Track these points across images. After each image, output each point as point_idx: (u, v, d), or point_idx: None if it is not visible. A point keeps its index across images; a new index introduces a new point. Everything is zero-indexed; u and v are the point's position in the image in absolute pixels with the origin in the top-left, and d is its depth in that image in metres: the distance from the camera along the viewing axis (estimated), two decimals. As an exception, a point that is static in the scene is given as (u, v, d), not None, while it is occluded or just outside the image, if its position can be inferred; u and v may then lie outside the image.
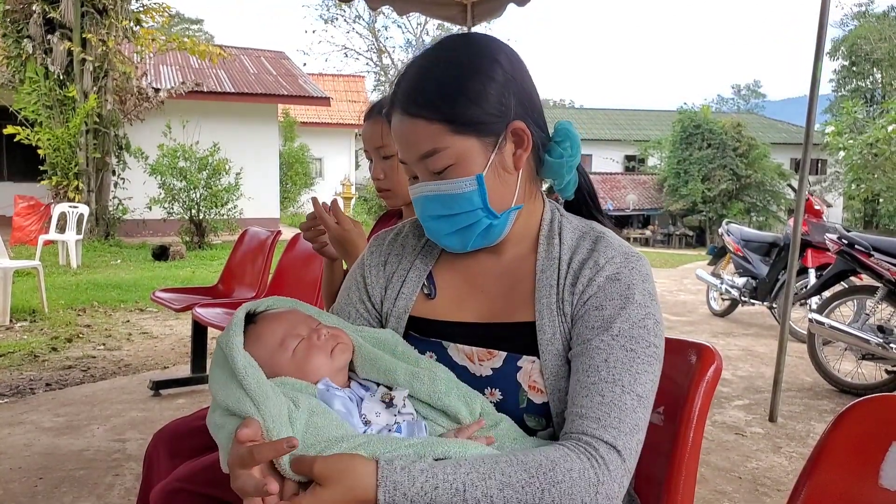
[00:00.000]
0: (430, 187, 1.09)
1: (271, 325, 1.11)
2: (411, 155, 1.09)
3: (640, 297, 1.05)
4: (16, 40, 12.33)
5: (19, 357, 4.85)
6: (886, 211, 24.10)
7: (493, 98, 1.06)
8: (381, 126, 1.79)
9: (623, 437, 0.97)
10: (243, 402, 0.95)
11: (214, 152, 12.72)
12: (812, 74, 3.74)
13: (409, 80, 1.09)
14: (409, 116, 1.07)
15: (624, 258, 1.09)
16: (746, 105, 57.80)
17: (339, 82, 29.62)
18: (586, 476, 0.93)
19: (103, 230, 12.81)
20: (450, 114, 1.05)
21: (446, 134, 1.05)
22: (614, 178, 28.34)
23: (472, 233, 1.10)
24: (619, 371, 1.00)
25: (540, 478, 0.92)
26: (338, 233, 1.73)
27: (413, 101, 1.06)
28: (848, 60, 32.31)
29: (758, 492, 3.01)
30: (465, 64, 1.07)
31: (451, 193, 1.07)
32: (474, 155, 1.06)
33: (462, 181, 1.06)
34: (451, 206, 1.08)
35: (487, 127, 1.06)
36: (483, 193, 1.07)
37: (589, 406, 0.99)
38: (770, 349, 5.83)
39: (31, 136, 12.06)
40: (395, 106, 1.09)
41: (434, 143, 1.05)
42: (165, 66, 16.84)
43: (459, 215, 1.08)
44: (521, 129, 1.08)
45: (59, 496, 2.74)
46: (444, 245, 1.15)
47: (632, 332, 1.03)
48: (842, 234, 4.78)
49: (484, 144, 1.07)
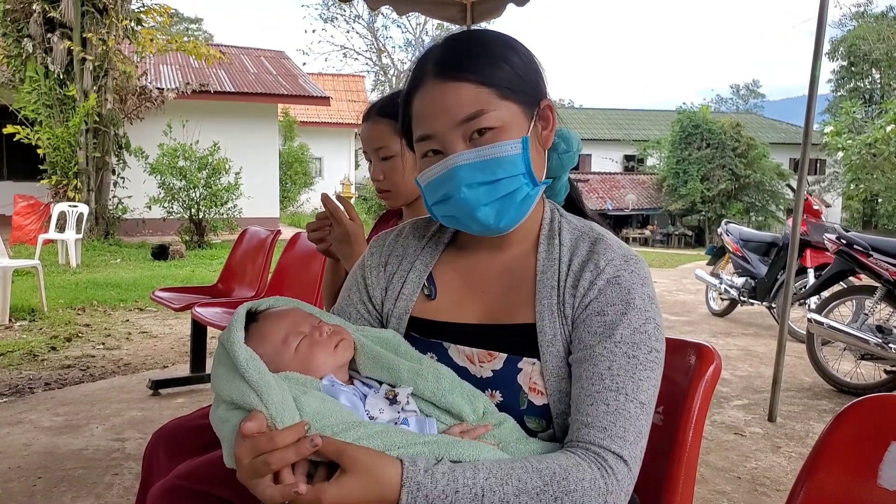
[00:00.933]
0: (470, 154, 1.05)
1: (274, 323, 1.12)
2: (449, 121, 1.05)
3: (640, 301, 1.06)
4: (16, 39, 12.32)
5: (18, 356, 4.85)
6: (885, 211, 24.10)
7: (528, 72, 1.10)
8: (381, 127, 1.79)
9: (629, 447, 0.99)
10: (247, 393, 0.96)
11: (214, 152, 12.72)
12: (811, 74, 3.74)
13: (447, 49, 1.10)
14: (451, 80, 1.05)
15: (623, 260, 1.09)
16: (745, 105, 57.81)
17: (339, 82, 29.63)
18: (597, 486, 0.95)
19: (103, 229, 12.81)
20: (496, 77, 1.05)
21: (492, 97, 1.05)
22: (613, 177, 28.34)
23: (511, 201, 1.08)
24: (623, 379, 1.01)
25: (554, 486, 0.93)
26: (352, 228, 1.73)
27: (455, 65, 1.06)
28: (847, 61, 32.32)
29: (757, 491, 3.02)
30: (500, 40, 1.10)
31: (495, 157, 1.05)
32: (517, 121, 1.07)
33: (508, 144, 1.05)
34: (494, 171, 1.06)
35: (527, 98, 1.08)
36: (527, 158, 1.07)
37: (594, 415, 1.00)
38: (769, 349, 5.83)
39: (31, 136, 12.06)
40: (431, 74, 1.08)
41: (479, 104, 1.04)
42: (165, 65, 16.84)
43: (502, 181, 1.06)
44: (550, 108, 1.12)
45: (59, 495, 2.74)
46: (475, 220, 1.08)
47: (633, 339, 1.03)
48: (840, 234, 4.79)
49: (524, 113, 1.08)
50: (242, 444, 0.91)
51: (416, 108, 1.10)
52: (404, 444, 0.93)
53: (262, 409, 0.94)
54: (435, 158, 1.09)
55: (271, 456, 0.87)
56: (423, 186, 1.12)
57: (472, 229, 1.11)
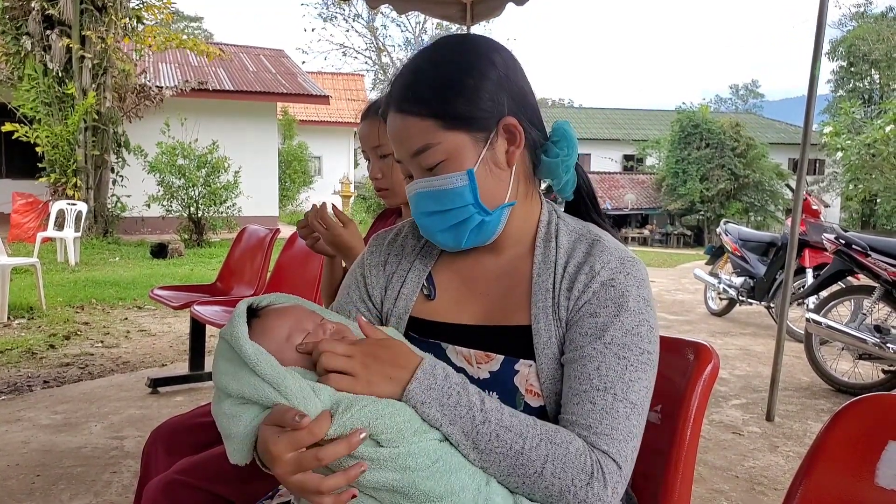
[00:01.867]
0: (421, 183, 1.10)
1: (277, 319, 1.11)
2: (405, 152, 1.10)
3: (634, 303, 1.05)
4: (15, 37, 12.30)
5: (17, 354, 4.85)
6: (884, 211, 24.11)
7: (485, 94, 1.07)
8: (378, 126, 1.79)
9: (616, 445, 0.99)
10: (261, 387, 0.96)
11: (213, 150, 12.71)
12: (810, 74, 3.75)
13: (403, 78, 1.10)
14: (401, 114, 1.08)
15: (620, 263, 1.09)
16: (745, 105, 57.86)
17: (338, 81, 29.61)
18: (582, 459, 0.97)
19: (102, 228, 12.80)
20: (440, 109, 1.06)
21: (437, 129, 1.06)
22: (613, 177, 28.33)
23: (464, 229, 1.10)
24: (612, 379, 1.01)
25: (541, 429, 0.99)
26: (327, 238, 1.77)
27: (405, 98, 1.08)
28: (846, 61, 32.31)
29: (754, 490, 3.02)
30: (459, 62, 1.08)
31: (442, 189, 1.07)
32: (465, 150, 1.07)
33: (453, 176, 1.07)
34: (442, 202, 1.08)
35: (478, 122, 1.07)
36: (474, 189, 1.07)
37: (580, 413, 1.01)
38: (767, 348, 5.84)
39: (30, 134, 12.05)
40: (390, 105, 1.11)
41: (425, 139, 1.06)
42: (165, 63, 16.83)
43: (451, 211, 1.08)
44: (512, 126, 1.08)
45: (57, 493, 2.74)
46: (439, 242, 1.15)
47: (624, 340, 1.03)
48: (839, 233, 4.79)
49: (475, 140, 1.07)
50: (279, 440, 0.91)
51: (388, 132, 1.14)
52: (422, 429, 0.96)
53: (281, 401, 0.94)
54: (409, 180, 1.14)
55: (322, 451, 0.90)
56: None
57: (443, 248, 1.18)
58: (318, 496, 0.90)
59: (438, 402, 0.97)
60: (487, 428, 0.97)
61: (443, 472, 0.94)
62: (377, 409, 0.94)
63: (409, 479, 0.92)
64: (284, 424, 0.92)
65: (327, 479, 0.89)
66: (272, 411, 0.95)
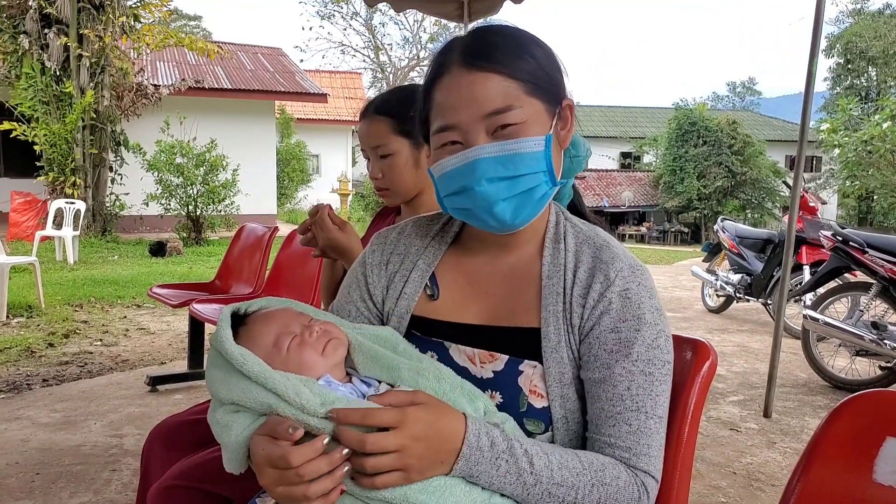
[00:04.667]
0: (493, 147, 1.03)
1: (263, 325, 1.10)
2: (474, 112, 1.03)
3: (650, 315, 1.07)
4: (12, 36, 12.26)
5: (16, 353, 4.85)
6: (881, 208, 24.14)
7: (552, 70, 1.09)
8: (379, 125, 1.79)
9: (654, 462, 1.04)
10: (249, 388, 0.96)
11: (212, 148, 12.70)
12: (807, 72, 3.75)
13: (475, 38, 1.08)
14: (479, 70, 1.03)
15: (631, 271, 1.09)
16: (742, 102, 57.77)
17: (336, 79, 29.57)
18: (631, 490, 1.01)
19: (100, 226, 12.78)
20: (524, 73, 1.04)
21: (521, 93, 1.04)
22: (610, 174, 28.33)
23: (529, 198, 1.07)
24: (642, 398, 1.04)
25: (591, 473, 1.00)
26: (324, 242, 1.76)
27: (484, 56, 1.04)
28: (843, 58, 32.33)
29: (752, 487, 3.03)
30: (526, 35, 1.10)
31: (518, 153, 1.04)
32: (541, 119, 1.06)
33: (532, 140, 1.04)
34: (516, 167, 1.04)
35: (551, 95, 1.08)
36: (549, 156, 1.06)
37: (618, 436, 1.04)
38: (765, 345, 5.85)
39: (28, 132, 12.02)
40: (457, 63, 1.06)
41: (508, 99, 1.03)
42: (162, 62, 16.80)
43: (524, 177, 1.05)
44: (570, 108, 1.11)
45: (57, 491, 2.74)
46: (494, 214, 1.07)
47: (648, 356, 1.05)
48: (836, 230, 4.80)
49: (547, 111, 1.07)
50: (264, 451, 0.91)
51: (438, 98, 1.08)
52: None
53: (272, 400, 0.94)
54: (453, 149, 1.07)
55: (304, 468, 0.88)
56: (438, 177, 1.10)
57: (486, 223, 1.09)
58: (306, 502, 0.89)
59: (487, 475, 0.95)
60: (539, 488, 0.97)
61: (437, 487, 0.93)
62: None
63: (402, 492, 0.92)
64: (278, 436, 0.91)
65: (313, 485, 0.88)
66: (266, 421, 0.95)
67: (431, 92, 1.09)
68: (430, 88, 1.10)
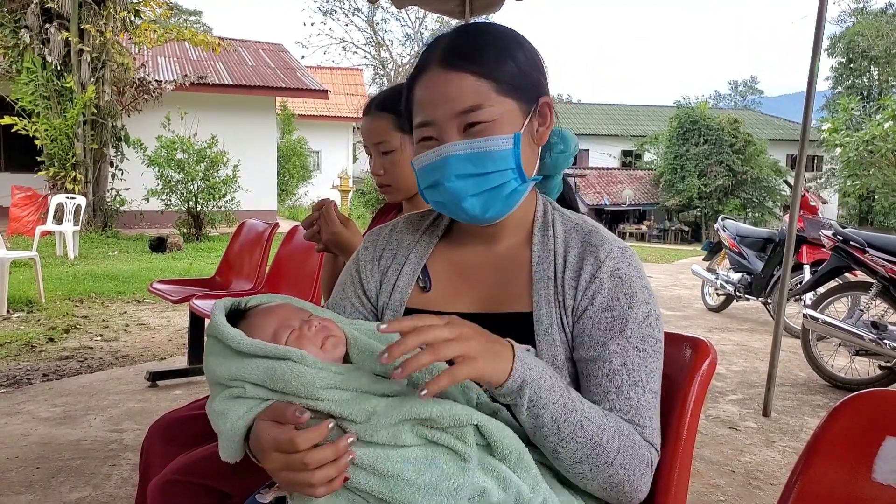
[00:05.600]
0: (462, 145, 1.07)
1: (263, 318, 1.11)
2: (447, 110, 1.07)
3: (641, 294, 1.09)
4: (13, 30, 12.25)
5: (16, 347, 4.86)
6: (881, 207, 24.14)
7: (531, 70, 1.12)
8: (381, 121, 1.79)
9: (656, 434, 1.07)
10: (249, 362, 0.98)
11: (212, 144, 12.70)
12: (809, 71, 3.75)
13: (455, 38, 1.11)
14: (454, 70, 1.07)
15: (620, 252, 1.12)
16: (743, 101, 57.79)
17: (337, 75, 29.53)
18: (643, 450, 1.03)
19: (101, 221, 12.78)
20: (496, 73, 1.07)
21: (491, 92, 1.07)
22: (611, 173, 28.34)
23: (498, 194, 1.10)
24: (638, 373, 1.06)
25: (614, 421, 1.02)
26: (326, 238, 1.77)
27: (460, 55, 1.07)
28: (845, 57, 32.32)
29: (751, 485, 3.03)
30: (507, 36, 1.12)
31: (486, 150, 1.07)
32: (512, 118, 1.09)
33: (500, 139, 1.07)
34: (484, 164, 1.08)
35: (525, 94, 1.10)
36: (518, 154, 1.09)
37: (619, 409, 1.05)
38: (764, 344, 5.85)
39: (29, 127, 12.01)
40: (436, 62, 1.09)
41: (478, 98, 1.06)
42: (163, 57, 16.79)
43: (492, 174, 1.08)
44: (548, 105, 1.14)
45: (56, 486, 2.75)
46: (463, 210, 1.11)
47: (641, 332, 1.07)
48: (837, 230, 4.80)
49: (521, 110, 1.10)
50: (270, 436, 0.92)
51: (417, 94, 1.12)
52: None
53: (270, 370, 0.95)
54: (430, 144, 1.11)
55: (309, 455, 0.89)
56: (417, 170, 1.15)
57: (460, 217, 1.15)
58: (311, 489, 0.90)
59: (537, 384, 0.96)
60: (574, 417, 0.98)
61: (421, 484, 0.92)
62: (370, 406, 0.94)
63: (388, 485, 0.91)
64: (283, 420, 0.92)
65: (317, 473, 0.89)
66: (271, 406, 0.96)
67: (413, 88, 1.13)
68: (412, 85, 1.14)
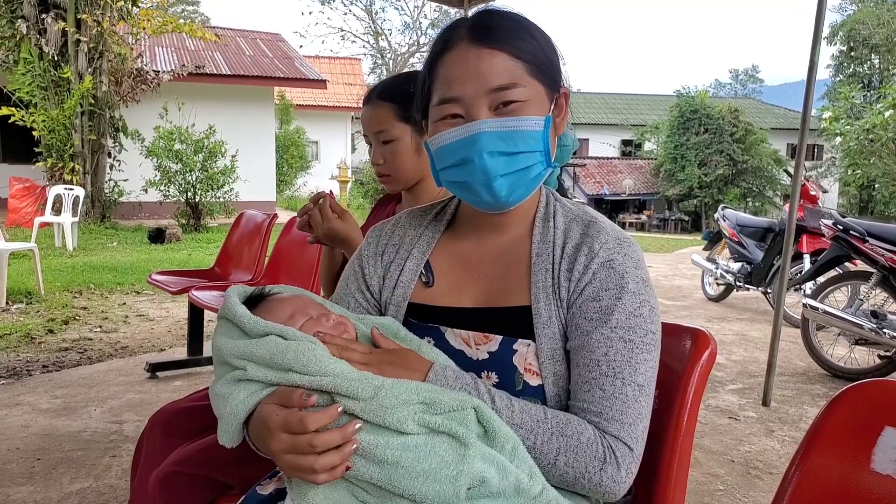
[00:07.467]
0: (495, 122, 1.06)
1: (281, 303, 1.14)
2: (479, 86, 1.06)
3: (633, 285, 1.08)
4: (9, 21, 12.20)
5: (16, 339, 4.86)
6: (882, 197, 24.11)
7: (552, 57, 1.12)
8: (381, 111, 1.78)
9: (626, 429, 1.02)
10: (256, 342, 1.00)
11: (210, 135, 12.65)
12: (810, 59, 3.74)
13: (484, 17, 1.11)
14: (487, 47, 1.06)
15: (616, 243, 1.11)
16: (744, 90, 57.60)
17: (336, 65, 29.46)
18: (594, 447, 1.01)
19: (99, 212, 12.77)
20: (528, 54, 1.08)
21: (525, 73, 1.07)
22: (611, 162, 28.29)
23: (525, 176, 1.10)
24: (619, 364, 1.04)
25: (552, 423, 1.02)
26: (323, 231, 1.76)
27: (492, 34, 1.07)
28: (846, 45, 32.18)
29: (750, 475, 3.04)
30: (529, 21, 1.13)
31: (519, 129, 1.07)
32: (541, 101, 1.09)
33: (532, 119, 1.07)
34: (516, 144, 1.07)
35: (552, 81, 1.11)
36: (547, 137, 1.09)
37: (590, 400, 1.04)
38: (764, 334, 5.86)
39: (26, 118, 11.98)
40: (465, 39, 1.08)
41: (513, 77, 1.06)
42: (161, 47, 16.72)
43: (522, 154, 1.08)
44: (566, 96, 1.15)
45: (57, 477, 2.75)
46: (491, 189, 1.08)
47: (629, 323, 1.05)
48: (837, 219, 4.80)
49: (548, 95, 1.10)
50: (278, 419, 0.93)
51: (442, 72, 1.10)
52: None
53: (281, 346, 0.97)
54: (454, 122, 1.08)
55: (316, 438, 0.90)
56: (436, 149, 1.12)
57: (481, 198, 1.10)
58: (313, 475, 0.91)
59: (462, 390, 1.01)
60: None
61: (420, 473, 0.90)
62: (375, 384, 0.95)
63: (387, 473, 0.90)
64: (290, 404, 0.93)
65: (321, 458, 0.90)
66: (277, 390, 0.97)
67: (436, 66, 1.11)
68: (434, 62, 1.12)
